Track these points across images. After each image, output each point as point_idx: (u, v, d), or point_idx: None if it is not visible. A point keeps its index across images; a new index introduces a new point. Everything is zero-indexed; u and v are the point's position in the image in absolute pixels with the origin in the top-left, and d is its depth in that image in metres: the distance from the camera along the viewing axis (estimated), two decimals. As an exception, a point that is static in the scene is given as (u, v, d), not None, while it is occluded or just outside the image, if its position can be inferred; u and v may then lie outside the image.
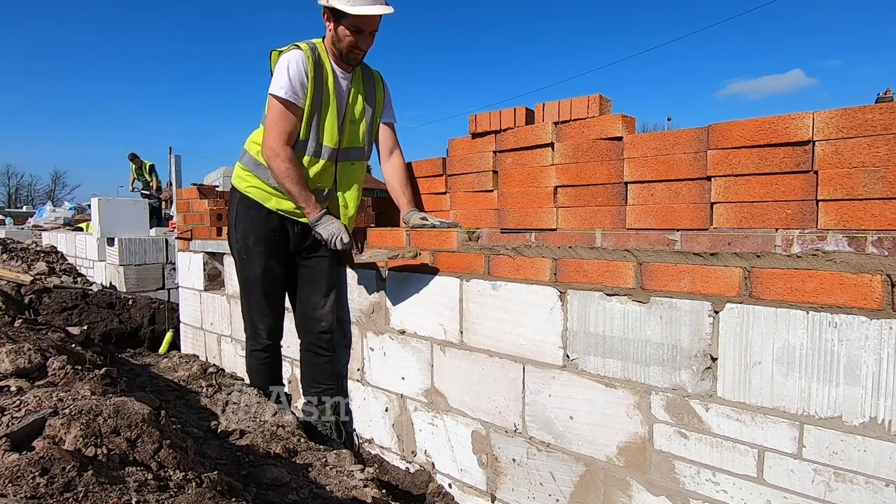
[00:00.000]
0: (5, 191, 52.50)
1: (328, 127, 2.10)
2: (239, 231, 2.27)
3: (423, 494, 2.07)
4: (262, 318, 2.33)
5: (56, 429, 1.11)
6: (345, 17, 1.94)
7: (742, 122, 1.39)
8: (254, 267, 2.26)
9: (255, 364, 2.41)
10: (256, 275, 2.26)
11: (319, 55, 2.05)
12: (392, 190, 2.26)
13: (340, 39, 2.01)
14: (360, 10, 1.91)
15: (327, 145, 2.11)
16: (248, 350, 2.42)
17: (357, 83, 2.18)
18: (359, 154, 2.24)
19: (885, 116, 1.20)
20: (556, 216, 1.78)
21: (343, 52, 2.04)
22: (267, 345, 2.37)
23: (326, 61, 2.07)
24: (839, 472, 1.21)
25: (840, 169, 1.25)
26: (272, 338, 2.39)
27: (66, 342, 2.29)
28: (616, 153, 1.64)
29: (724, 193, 1.42)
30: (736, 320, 1.34)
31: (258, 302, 2.31)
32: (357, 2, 1.91)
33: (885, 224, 1.19)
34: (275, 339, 2.41)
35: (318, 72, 2.04)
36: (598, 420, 1.61)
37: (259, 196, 2.19)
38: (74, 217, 9.55)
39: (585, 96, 1.73)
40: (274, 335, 2.39)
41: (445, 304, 2.01)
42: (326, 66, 2.07)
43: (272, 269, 2.26)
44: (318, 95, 2.05)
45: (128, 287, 5.56)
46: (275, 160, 2.02)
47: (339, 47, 2.03)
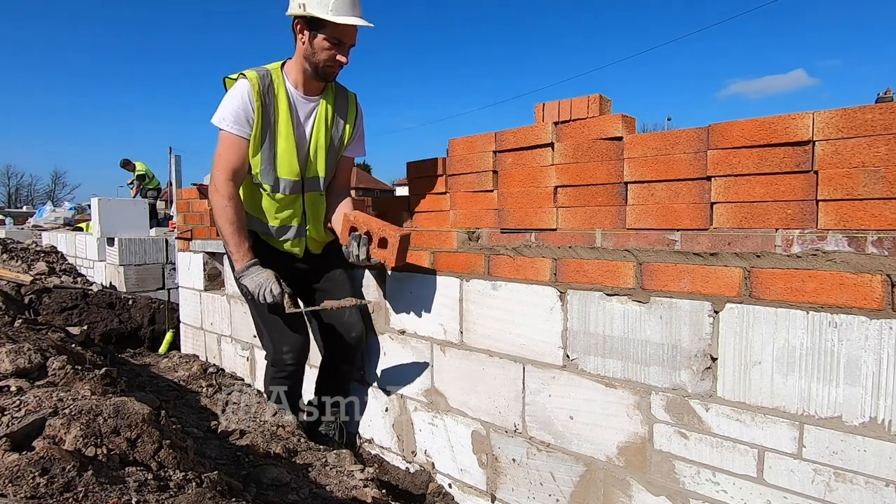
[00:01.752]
0: (5, 191, 52.53)
1: (283, 158, 1.96)
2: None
3: (423, 494, 2.07)
4: (284, 337, 2.07)
5: (56, 429, 1.11)
6: (324, 27, 1.81)
7: (742, 122, 1.39)
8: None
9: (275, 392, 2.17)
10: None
11: (272, 82, 1.92)
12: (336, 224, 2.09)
13: (316, 52, 1.85)
14: (344, 20, 1.78)
15: (286, 178, 1.97)
16: (270, 375, 2.15)
17: (327, 104, 2.02)
18: (326, 183, 2.09)
19: (885, 116, 1.20)
20: (556, 216, 1.78)
21: (319, 67, 1.88)
22: (291, 371, 2.11)
23: (281, 88, 1.93)
24: (839, 472, 1.21)
25: (840, 169, 1.25)
26: (296, 361, 2.10)
27: (66, 342, 2.29)
28: (616, 153, 1.64)
29: (724, 193, 1.42)
30: (736, 320, 1.34)
31: (275, 324, 2.06)
32: (339, 11, 1.78)
33: (885, 224, 1.19)
34: (299, 361, 2.12)
35: (267, 100, 1.90)
36: (598, 420, 1.61)
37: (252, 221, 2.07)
38: (74, 217, 9.54)
39: (585, 96, 1.73)
40: (299, 357, 2.11)
41: (445, 304, 2.01)
42: (279, 94, 1.93)
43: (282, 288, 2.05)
44: (267, 126, 1.92)
45: (128, 287, 5.56)
46: (214, 195, 1.90)
47: (313, 61, 1.88)
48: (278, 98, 1.94)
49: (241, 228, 1.92)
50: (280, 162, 1.97)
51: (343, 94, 2.10)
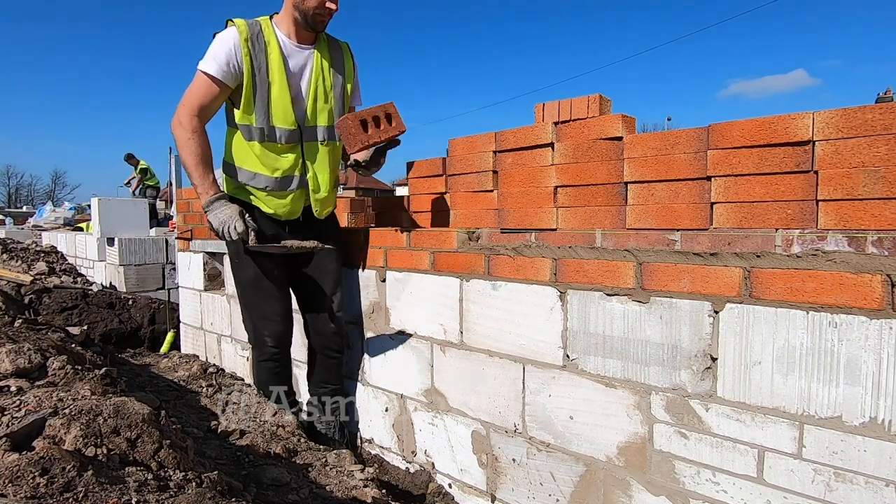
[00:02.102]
0: (5, 191, 52.52)
1: (277, 106, 1.94)
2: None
3: (423, 494, 2.07)
4: (265, 323, 2.16)
5: (56, 429, 1.11)
6: None
7: (742, 122, 1.39)
8: (247, 270, 2.12)
9: (264, 375, 2.24)
10: (249, 278, 2.13)
11: (261, 30, 1.91)
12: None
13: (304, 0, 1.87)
14: None
15: (280, 126, 1.95)
16: (255, 360, 2.24)
17: (321, 55, 2.01)
18: (328, 133, 2.05)
19: (885, 116, 1.20)
20: (556, 216, 1.78)
21: (308, 16, 1.89)
22: (273, 353, 2.18)
23: (272, 37, 1.93)
24: (839, 472, 1.21)
25: (840, 169, 1.25)
26: (279, 344, 2.18)
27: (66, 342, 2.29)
28: (616, 153, 1.64)
29: (724, 193, 1.42)
30: (736, 320, 1.34)
31: (257, 307, 2.16)
32: None
33: (885, 224, 1.19)
34: (282, 345, 2.20)
35: (256, 48, 1.89)
36: (598, 420, 1.61)
37: (242, 196, 2.06)
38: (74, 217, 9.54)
39: (585, 96, 1.73)
40: (280, 341, 2.19)
41: (445, 304, 2.01)
42: (271, 42, 1.92)
43: (268, 270, 2.11)
44: (259, 73, 1.90)
45: (128, 287, 5.56)
46: (177, 128, 1.88)
47: (302, 9, 1.89)
48: (269, 45, 1.93)
49: (205, 161, 1.90)
50: (274, 109, 1.95)
51: (336, 46, 2.09)
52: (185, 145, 1.88)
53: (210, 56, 1.87)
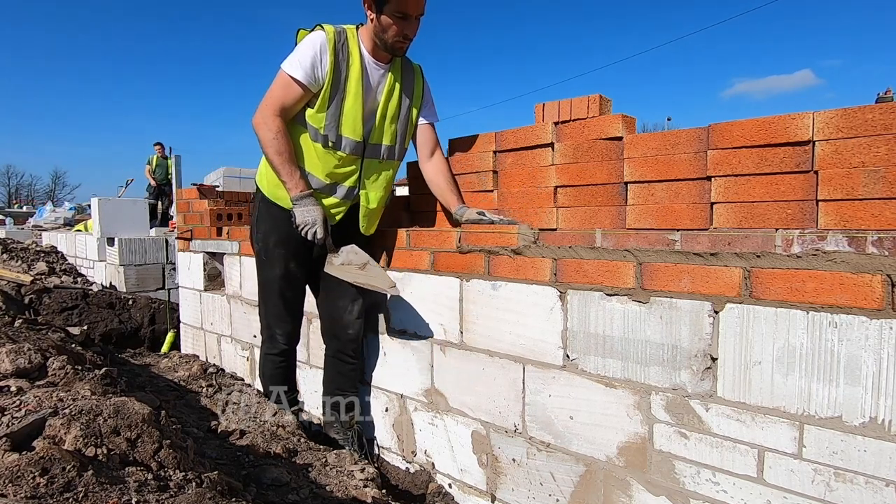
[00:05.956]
0: (5, 191, 52.52)
1: (349, 117, 1.97)
2: (260, 231, 2.18)
3: (423, 494, 2.07)
4: (280, 322, 2.26)
5: (56, 429, 1.11)
6: (388, 3, 1.81)
7: (742, 122, 1.39)
8: (273, 269, 2.17)
9: (269, 369, 2.32)
10: (275, 277, 2.17)
11: (346, 41, 1.93)
12: (438, 189, 2.09)
13: (385, 29, 1.87)
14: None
15: (348, 136, 1.98)
16: (263, 353, 2.33)
17: (395, 76, 2.03)
18: (389, 152, 2.09)
19: (885, 116, 1.20)
20: (556, 216, 1.78)
21: (388, 43, 1.90)
22: (283, 349, 2.30)
23: (355, 48, 1.95)
24: (839, 472, 1.21)
25: (840, 169, 1.25)
26: (289, 343, 2.31)
27: (66, 342, 2.30)
28: (616, 153, 1.64)
29: (724, 193, 1.42)
30: (736, 320, 1.34)
31: (276, 306, 2.23)
32: None
33: (885, 224, 1.19)
34: (291, 343, 2.33)
35: (341, 57, 1.91)
36: (598, 420, 1.61)
37: (281, 195, 2.06)
38: (74, 217, 9.55)
39: (585, 96, 1.73)
40: (291, 340, 2.32)
41: (445, 304, 2.01)
42: (354, 54, 1.94)
43: (293, 272, 2.17)
44: (338, 82, 1.93)
45: (128, 287, 5.57)
46: (261, 128, 1.93)
47: (383, 38, 1.90)
48: (352, 56, 1.95)
49: (290, 159, 1.95)
50: (345, 119, 1.97)
51: (409, 69, 2.11)
52: (270, 144, 1.93)
53: (296, 59, 1.89)
